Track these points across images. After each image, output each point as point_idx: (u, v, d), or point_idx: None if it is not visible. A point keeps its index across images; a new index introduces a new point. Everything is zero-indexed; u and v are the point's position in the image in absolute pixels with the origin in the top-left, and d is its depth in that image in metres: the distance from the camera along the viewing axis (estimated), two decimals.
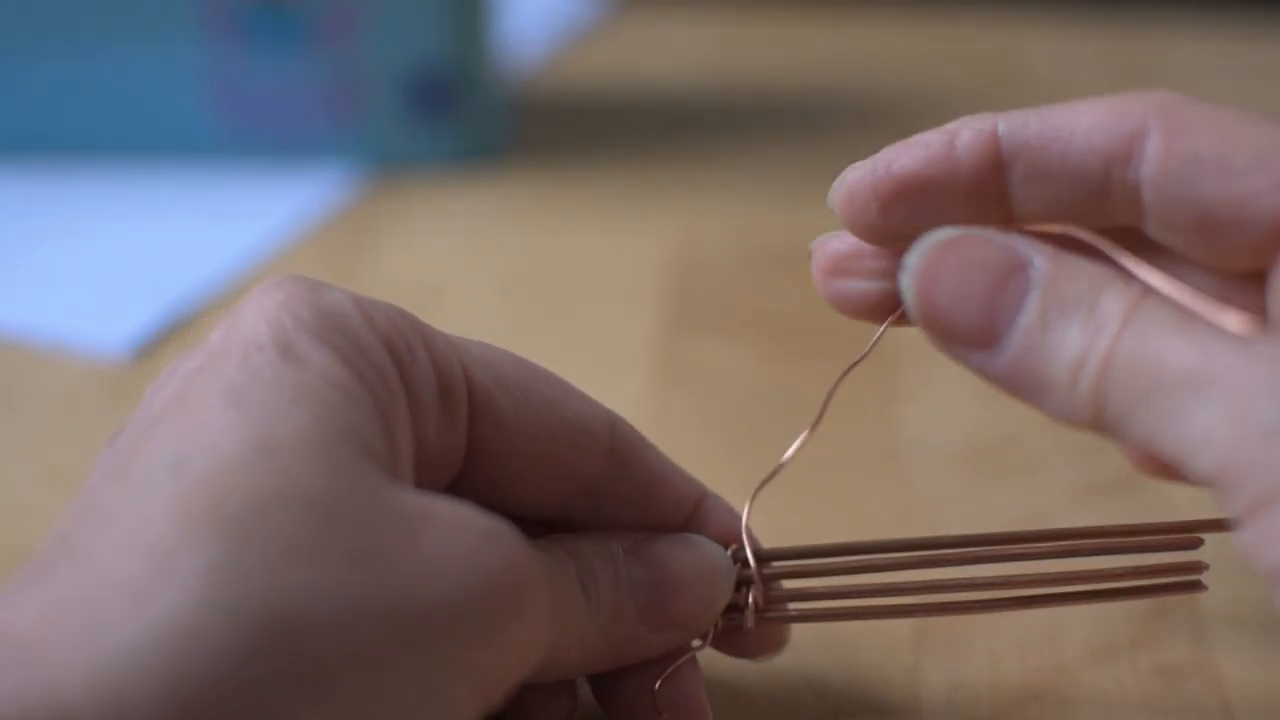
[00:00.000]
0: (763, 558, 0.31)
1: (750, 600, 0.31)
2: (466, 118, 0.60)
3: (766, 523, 0.35)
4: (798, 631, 0.35)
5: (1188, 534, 0.31)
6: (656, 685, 0.30)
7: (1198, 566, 0.31)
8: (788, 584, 0.32)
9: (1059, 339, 0.26)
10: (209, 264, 0.53)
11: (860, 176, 0.30)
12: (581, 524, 0.31)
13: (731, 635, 0.32)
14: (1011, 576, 0.31)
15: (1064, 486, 0.40)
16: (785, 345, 0.49)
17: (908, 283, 0.28)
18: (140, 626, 0.21)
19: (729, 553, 0.31)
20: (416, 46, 0.59)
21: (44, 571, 0.23)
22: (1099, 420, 0.26)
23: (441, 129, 0.60)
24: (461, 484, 0.29)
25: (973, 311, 0.27)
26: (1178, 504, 0.39)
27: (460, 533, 0.25)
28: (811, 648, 0.35)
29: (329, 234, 0.56)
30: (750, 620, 0.31)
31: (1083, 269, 0.26)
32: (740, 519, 0.32)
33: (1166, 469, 0.30)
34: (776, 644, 0.33)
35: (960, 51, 0.76)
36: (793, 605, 0.32)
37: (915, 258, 0.28)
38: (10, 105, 0.59)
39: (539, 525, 0.30)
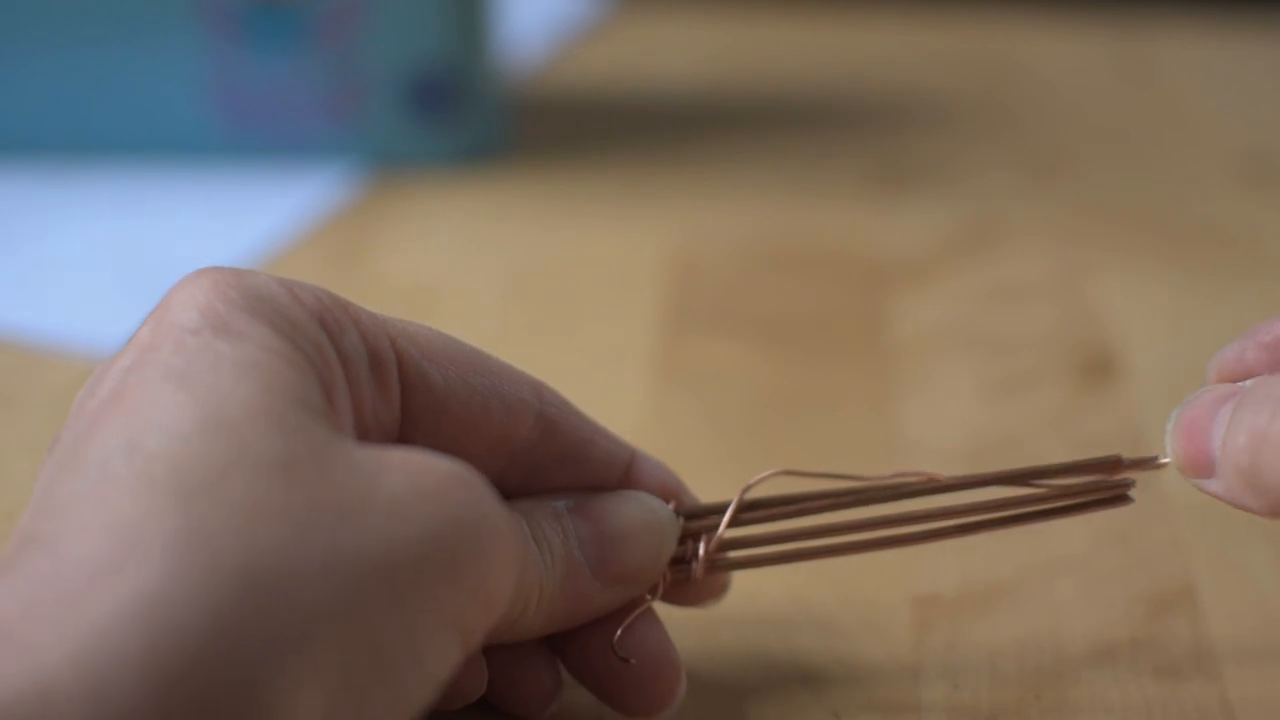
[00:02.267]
0: (703, 513, 0.32)
1: (700, 552, 0.32)
2: (466, 118, 0.60)
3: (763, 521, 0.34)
4: (797, 630, 0.35)
5: (1113, 466, 0.32)
6: (616, 638, 0.31)
7: (1125, 484, 0.32)
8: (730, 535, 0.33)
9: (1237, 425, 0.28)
10: (209, 264, 0.53)
11: None
12: (518, 493, 0.31)
13: (679, 587, 0.32)
14: (948, 508, 0.32)
15: (1064, 487, 0.40)
16: (785, 345, 0.49)
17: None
18: (113, 601, 0.21)
19: (670, 506, 0.32)
20: (417, 46, 0.59)
21: (12, 564, 0.23)
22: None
23: (441, 129, 0.60)
24: None
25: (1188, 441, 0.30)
26: (1176, 504, 0.39)
27: (421, 475, 0.26)
28: (812, 647, 0.35)
29: (329, 234, 0.56)
30: (700, 571, 0.32)
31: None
32: (669, 473, 0.33)
33: None
34: (718, 591, 0.34)
35: (960, 52, 0.76)
36: (735, 553, 0.32)
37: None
38: (10, 105, 0.59)
39: None
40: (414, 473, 0.25)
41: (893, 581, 0.37)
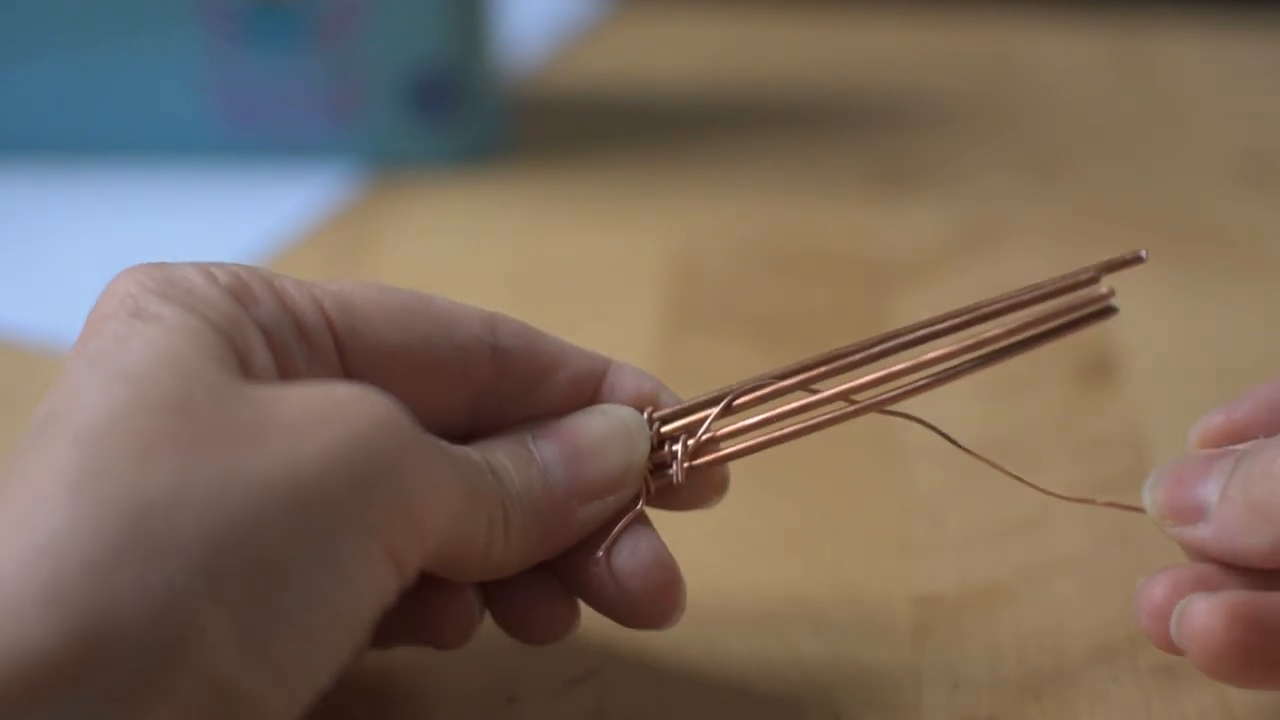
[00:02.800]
0: (682, 413, 0.32)
1: (678, 454, 0.32)
2: (466, 118, 0.60)
3: (766, 521, 0.35)
4: (796, 629, 0.35)
5: (1088, 277, 0.32)
6: (603, 548, 0.31)
7: (1105, 295, 0.32)
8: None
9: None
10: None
11: None
12: (497, 427, 0.32)
13: (670, 492, 0.32)
14: (928, 358, 0.32)
15: (1064, 486, 0.40)
16: (785, 345, 0.49)
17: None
18: (21, 542, 0.23)
19: (645, 416, 0.32)
20: (417, 47, 0.59)
21: None
22: None
23: (441, 129, 0.60)
24: None
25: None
26: None
27: (320, 399, 0.26)
28: (812, 647, 0.35)
29: (329, 234, 0.56)
30: (681, 475, 0.32)
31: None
32: (646, 377, 0.33)
33: None
34: (718, 488, 0.33)
35: (960, 52, 0.76)
36: (718, 450, 0.32)
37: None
38: (10, 105, 0.59)
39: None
40: (313, 399, 0.26)
41: (893, 581, 0.37)
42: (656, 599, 0.31)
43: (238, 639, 0.23)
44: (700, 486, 0.33)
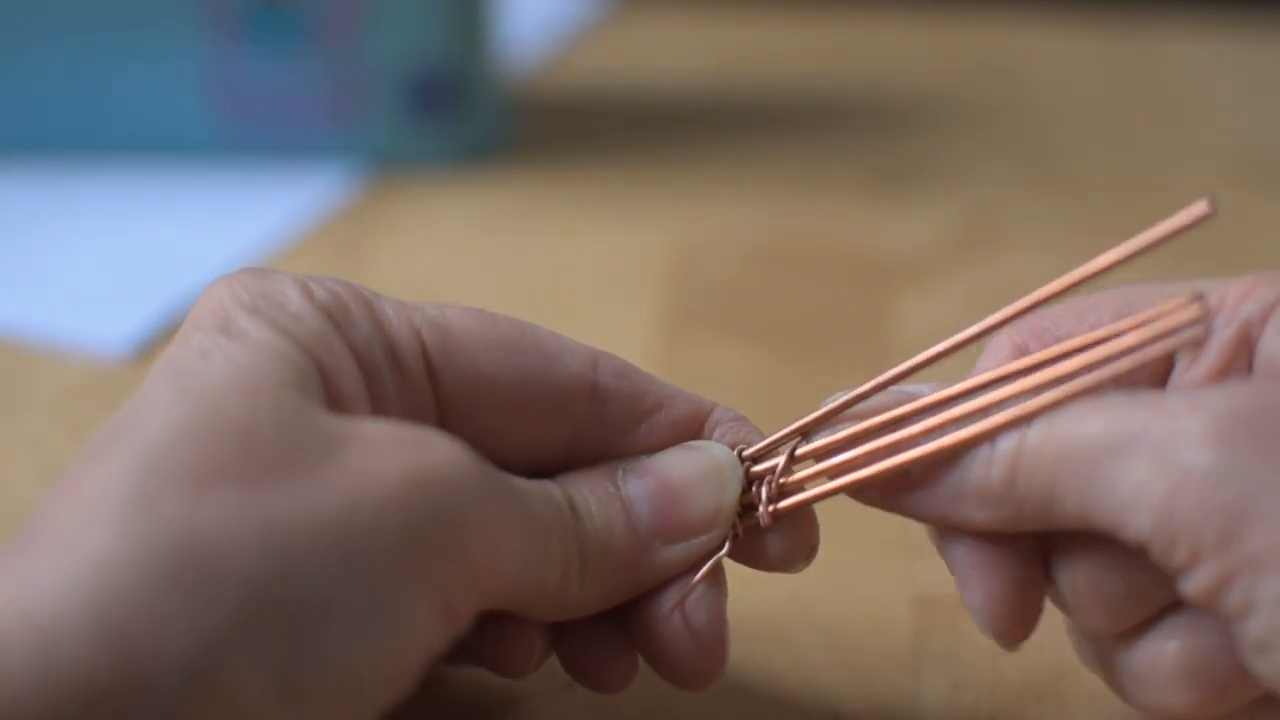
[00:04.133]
0: (766, 452, 0.31)
1: (764, 494, 0.30)
2: (466, 118, 0.60)
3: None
4: (797, 632, 0.35)
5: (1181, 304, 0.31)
6: (685, 592, 0.29)
7: (1197, 318, 0.30)
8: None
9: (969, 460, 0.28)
10: (209, 264, 0.53)
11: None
12: (594, 463, 0.31)
13: (755, 544, 0.31)
14: (1012, 395, 0.29)
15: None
16: (785, 345, 0.49)
17: None
18: (69, 566, 0.23)
19: (734, 453, 0.31)
20: (417, 47, 0.59)
21: (16, 547, 0.24)
22: (1022, 508, 0.28)
23: (441, 129, 0.60)
24: None
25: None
26: None
27: (382, 441, 0.26)
28: (812, 648, 0.35)
29: (329, 234, 0.56)
30: (767, 517, 0.30)
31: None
32: (750, 427, 0.31)
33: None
34: (803, 550, 0.31)
35: (960, 52, 0.76)
36: (803, 494, 0.30)
37: None
38: (10, 105, 0.59)
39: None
40: (380, 440, 0.26)
41: (893, 583, 0.37)
42: (708, 660, 0.30)
43: (275, 681, 0.23)
44: (787, 545, 0.31)
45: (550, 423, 0.30)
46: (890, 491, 0.29)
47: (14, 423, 0.44)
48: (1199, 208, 0.29)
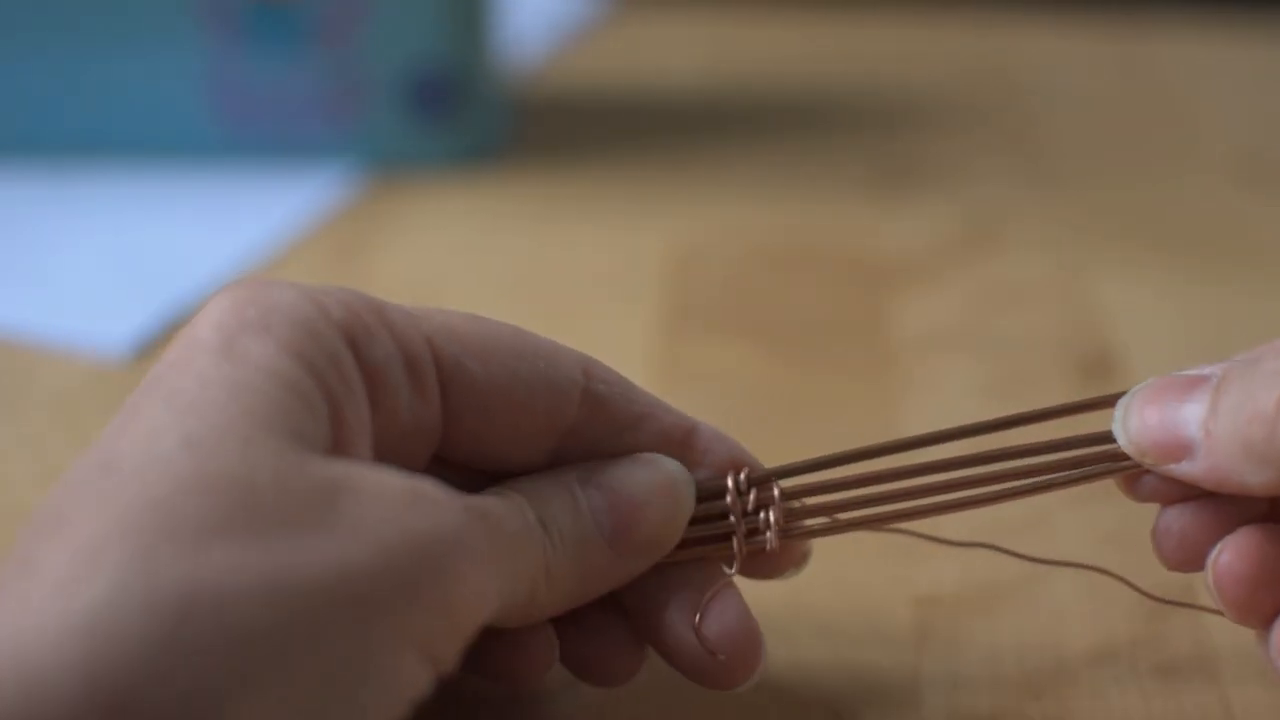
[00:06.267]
0: (770, 476, 0.32)
1: (772, 520, 0.31)
2: (466, 118, 0.60)
3: None
4: (798, 632, 0.35)
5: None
6: (696, 621, 0.30)
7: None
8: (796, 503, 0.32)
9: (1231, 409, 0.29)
10: (209, 264, 0.53)
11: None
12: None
13: (756, 560, 0.32)
14: (1030, 465, 0.32)
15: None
16: (785, 345, 0.49)
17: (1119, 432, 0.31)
18: (62, 614, 0.22)
19: (742, 476, 0.31)
20: (416, 47, 0.59)
21: (5, 585, 0.23)
22: None
23: (441, 129, 0.60)
24: (445, 451, 0.30)
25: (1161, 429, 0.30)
26: None
27: (380, 496, 0.25)
28: (812, 648, 0.35)
29: (329, 234, 0.56)
30: (774, 541, 0.31)
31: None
32: (734, 445, 0.32)
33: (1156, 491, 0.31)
34: (798, 560, 0.33)
35: (960, 52, 0.76)
36: (810, 521, 0.32)
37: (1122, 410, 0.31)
38: (10, 105, 0.59)
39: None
40: (374, 494, 0.25)
41: (893, 582, 0.37)
42: (740, 665, 0.31)
43: None
44: (786, 556, 0.32)
45: (543, 426, 0.30)
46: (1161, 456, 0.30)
47: (14, 423, 0.44)
48: None
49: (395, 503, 0.25)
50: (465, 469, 0.30)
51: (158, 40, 0.58)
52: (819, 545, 0.34)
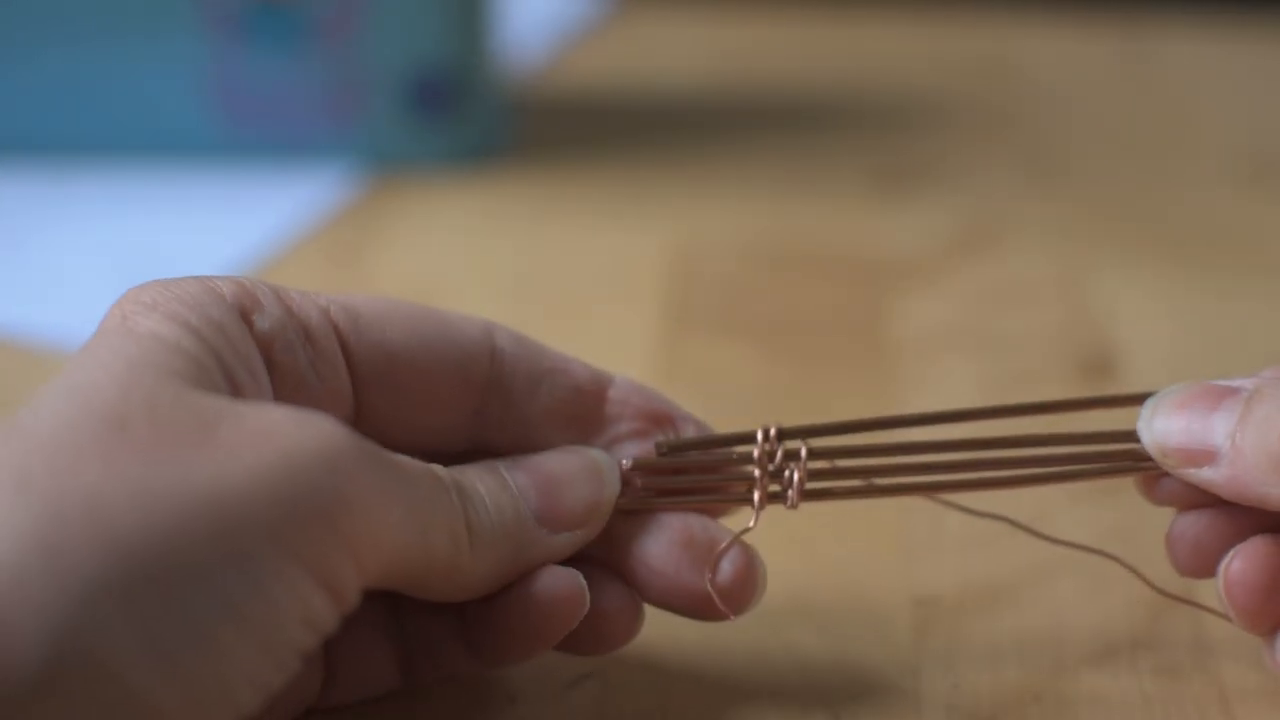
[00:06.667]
0: (798, 433, 0.33)
1: (795, 479, 0.32)
2: (467, 118, 0.60)
3: (767, 522, 0.34)
4: (797, 630, 0.35)
5: None
6: (710, 575, 0.31)
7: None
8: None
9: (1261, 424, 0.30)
10: (209, 264, 0.53)
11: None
12: (502, 433, 0.32)
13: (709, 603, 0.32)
14: (1016, 457, 0.33)
15: (1063, 486, 0.40)
16: (786, 345, 0.49)
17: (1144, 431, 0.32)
18: None
19: (773, 431, 0.32)
20: (417, 46, 0.59)
21: None
22: None
23: (442, 129, 0.60)
24: (367, 425, 0.31)
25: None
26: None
27: (262, 420, 0.26)
28: (812, 647, 0.35)
29: (329, 233, 0.56)
30: (796, 499, 0.32)
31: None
32: (653, 395, 0.33)
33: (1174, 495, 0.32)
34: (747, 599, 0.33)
35: (960, 52, 0.76)
36: (828, 483, 0.33)
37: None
38: (10, 105, 0.59)
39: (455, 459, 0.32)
40: (256, 419, 0.26)
41: (893, 581, 0.37)
42: (744, 594, 0.32)
43: (143, 647, 0.23)
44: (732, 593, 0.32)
45: (454, 390, 0.32)
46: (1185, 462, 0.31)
47: None
48: None
49: (275, 425, 0.26)
50: (396, 449, 0.31)
51: (158, 40, 0.58)
52: (819, 545, 0.34)
